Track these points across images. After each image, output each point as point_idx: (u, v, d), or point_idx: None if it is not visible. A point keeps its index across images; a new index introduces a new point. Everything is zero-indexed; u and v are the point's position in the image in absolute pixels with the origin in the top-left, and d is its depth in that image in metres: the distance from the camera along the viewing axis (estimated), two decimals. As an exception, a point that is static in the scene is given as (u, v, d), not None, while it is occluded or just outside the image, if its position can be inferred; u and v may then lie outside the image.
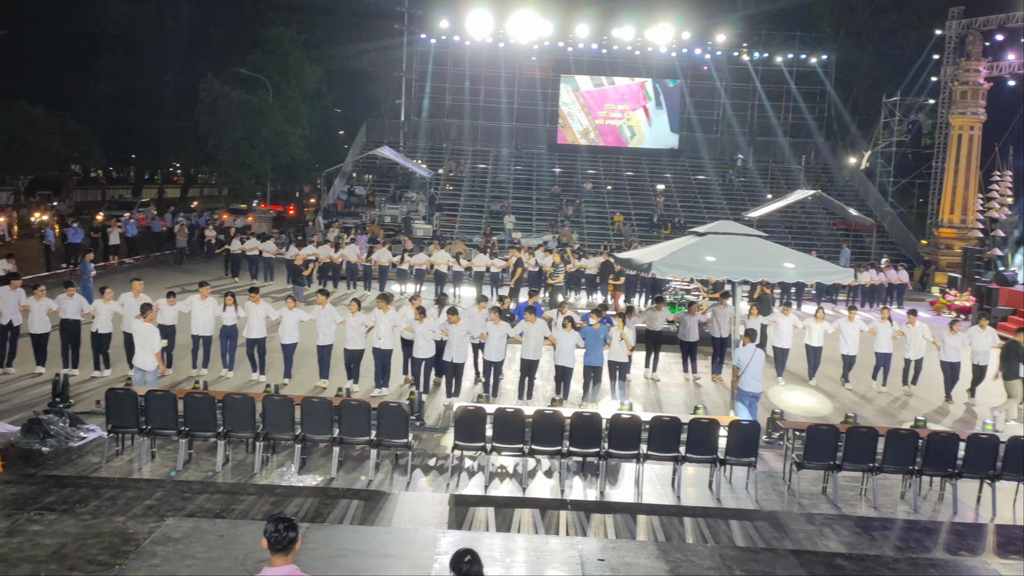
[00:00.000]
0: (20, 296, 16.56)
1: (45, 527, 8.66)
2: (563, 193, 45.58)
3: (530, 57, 51.37)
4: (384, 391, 16.02)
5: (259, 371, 16.77)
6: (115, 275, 28.27)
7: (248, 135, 45.78)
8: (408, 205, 41.40)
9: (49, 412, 12.81)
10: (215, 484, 10.89)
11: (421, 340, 15.82)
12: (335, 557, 8.44)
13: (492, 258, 28.44)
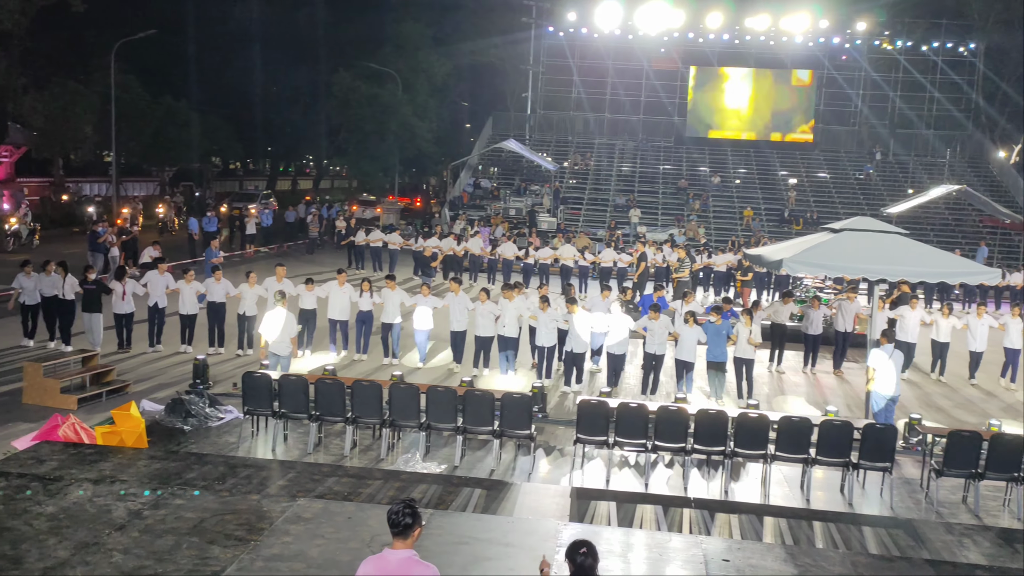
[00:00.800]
0: (168, 280, 17.63)
1: (187, 501, 9.06)
2: (690, 187, 44.87)
3: (659, 48, 50.70)
4: (511, 374, 16.49)
5: (392, 355, 17.43)
6: (253, 263, 29.39)
7: (377, 128, 46.84)
8: (533, 198, 41.56)
9: (190, 393, 13.43)
10: (343, 468, 11.18)
11: (544, 329, 16.19)
12: (457, 544, 8.53)
13: (619, 253, 28.13)
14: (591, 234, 35.42)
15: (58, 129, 39.33)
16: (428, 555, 8.09)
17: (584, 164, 47.44)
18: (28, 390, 13.89)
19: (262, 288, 17.25)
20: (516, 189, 43.32)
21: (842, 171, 47.40)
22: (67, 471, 10.02)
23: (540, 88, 52.13)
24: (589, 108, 52.31)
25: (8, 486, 9.18)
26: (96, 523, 8.38)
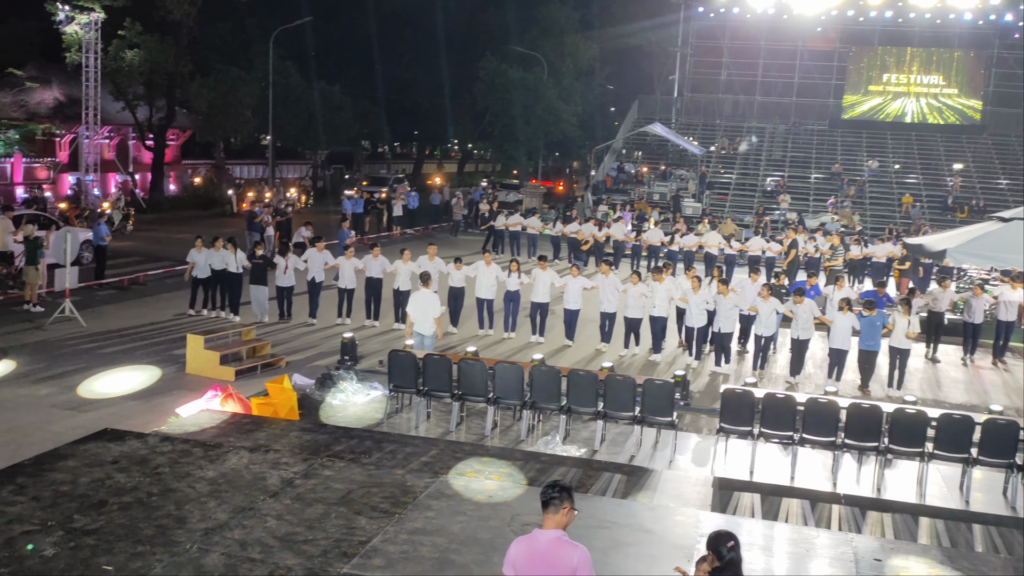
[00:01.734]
0: (327, 256, 18.74)
1: (335, 473, 9.37)
2: (844, 172, 43.11)
3: (815, 28, 48.82)
4: (656, 357, 16.83)
5: (539, 333, 17.85)
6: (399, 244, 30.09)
7: (522, 112, 47.04)
8: (678, 183, 40.89)
9: (339, 369, 13.90)
10: (484, 447, 11.31)
11: (694, 309, 16.37)
12: (597, 528, 8.49)
13: (768, 242, 27.18)
14: (738, 220, 34.55)
15: (220, 114, 41.31)
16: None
17: (732, 148, 46.31)
18: (191, 361, 14.68)
19: (415, 265, 17.98)
20: (661, 173, 42.72)
21: (1012, 156, 44.49)
22: (226, 439, 10.53)
23: (688, 70, 51.13)
24: (739, 90, 50.96)
25: (173, 450, 9.72)
26: (252, 489, 8.77)
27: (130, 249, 26.86)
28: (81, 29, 33.78)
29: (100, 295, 20.35)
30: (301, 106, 46.71)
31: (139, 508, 8.14)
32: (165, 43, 37.63)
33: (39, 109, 37.95)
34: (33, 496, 8.25)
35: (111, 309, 19.04)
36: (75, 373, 14.27)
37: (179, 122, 42.20)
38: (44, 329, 16.80)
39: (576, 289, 17.45)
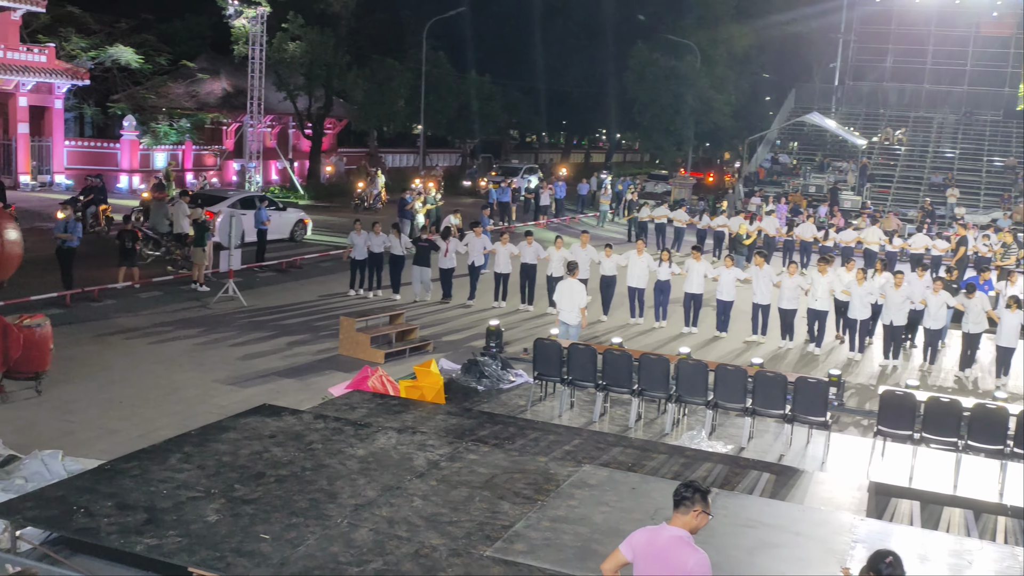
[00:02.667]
0: (485, 241, 19.76)
1: (480, 457, 9.48)
2: (1020, 165, 40.45)
3: (991, 13, 45.97)
4: (816, 350, 16.67)
5: (692, 324, 17.90)
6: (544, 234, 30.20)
7: (673, 101, 46.34)
8: (836, 175, 39.36)
9: (485, 355, 14.05)
10: (628, 439, 11.21)
11: (858, 302, 16.08)
12: (743, 527, 8.26)
13: (934, 239, 25.66)
14: (900, 214, 32.94)
15: (375, 103, 42.49)
16: (711, 534, 7.93)
17: (895, 139, 44.19)
18: (343, 343, 15.18)
19: (568, 252, 18.33)
20: (818, 165, 41.23)
21: None
22: (375, 419, 10.82)
23: (850, 58, 49.08)
24: (904, 79, 48.55)
25: (326, 428, 10.06)
26: (400, 469, 8.97)
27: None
28: (248, 23, 35.39)
29: (260, 276, 21.30)
30: (452, 95, 47.49)
31: (294, 481, 8.46)
32: (325, 35, 38.98)
33: (208, 99, 40.05)
34: (198, 465, 8.70)
35: (270, 290, 19.91)
36: (236, 350, 14.98)
37: (336, 111, 43.66)
38: (209, 308, 17.72)
39: (729, 280, 17.28)
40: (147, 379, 13.09)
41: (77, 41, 35.72)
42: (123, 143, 35.52)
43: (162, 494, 7.97)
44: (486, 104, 49.09)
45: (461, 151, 55.68)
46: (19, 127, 32.46)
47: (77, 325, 15.68)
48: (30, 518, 7.50)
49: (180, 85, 39.76)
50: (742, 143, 51.59)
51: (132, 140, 35.44)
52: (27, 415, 11.30)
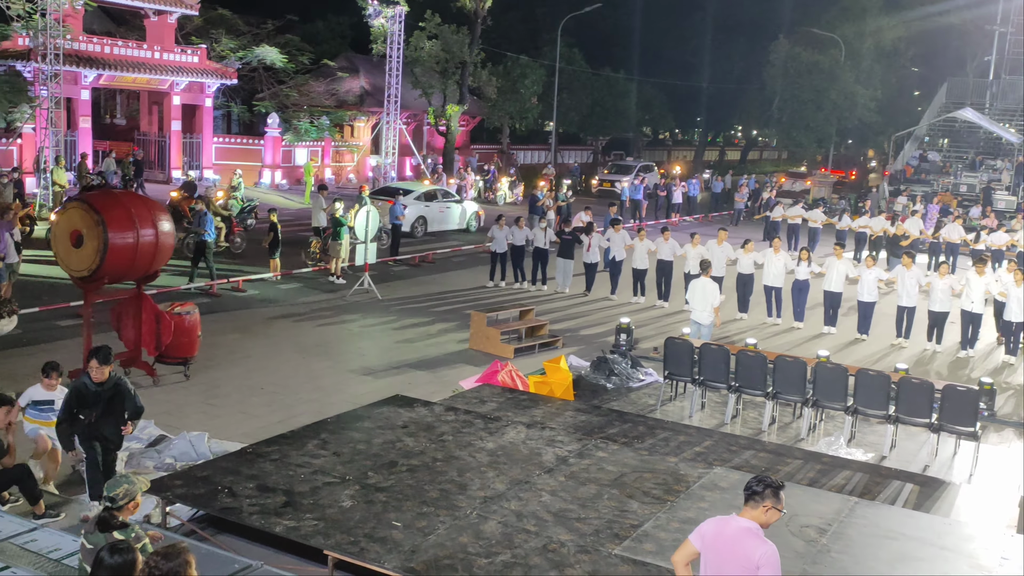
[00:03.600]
0: (625, 237, 19.80)
1: (608, 455, 9.40)
2: None
3: None
4: (970, 352, 16.11)
5: (830, 325, 17.45)
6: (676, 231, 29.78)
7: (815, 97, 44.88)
8: (990, 174, 37.30)
9: (614, 353, 13.95)
10: (761, 442, 10.93)
11: (1015, 305, 15.46)
12: (883, 538, 7.92)
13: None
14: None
15: (508, 100, 42.78)
16: (850, 544, 7.64)
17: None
18: (473, 337, 15.34)
19: (704, 249, 18.16)
20: (970, 163, 39.18)
21: None
22: (504, 413, 10.89)
23: (1006, 51, 46.35)
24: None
25: (457, 420, 10.19)
26: (528, 463, 8.99)
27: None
28: (386, 22, 36.22)
29: (394, 270, 21.77)
30: (585, 92, 47.36)
31: (425, 471, 8.60)
32: (460, 33, 39.52)
33: (347, 97, 41.23)
34: (334, 451, 8.95)
35: (403, 285, 20.32)
36: (370, 342, 15.36)
37: (469, 109, 44.21)
38: (345, 300, 18.22)
39: (871, 280, 16.63)
40: (286, 367, 13.56)
41: (227, 42, 37.34)
42: (267, 140, 36.97)
43: (300, 478, 8.24)
44: (619, 101, 48.75)
45: (592, 148, 55.47)
46: (172, 124, 34.21)
47: (222, 314, 16.39)
48: (179, 495, 7.87)
49: (321, 83, 41.03)
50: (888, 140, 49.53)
51: (275, 137, 36.84)
52: (176, 398, 11.88)
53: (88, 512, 8.05)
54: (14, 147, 28.15)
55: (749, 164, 64.45)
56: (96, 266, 11.29)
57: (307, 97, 39.64)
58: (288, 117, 37.91)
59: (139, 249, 11.59)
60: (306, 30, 42.55)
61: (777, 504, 5.23)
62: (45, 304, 15.60)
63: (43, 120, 27.02)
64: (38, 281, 17.42)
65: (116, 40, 32.65)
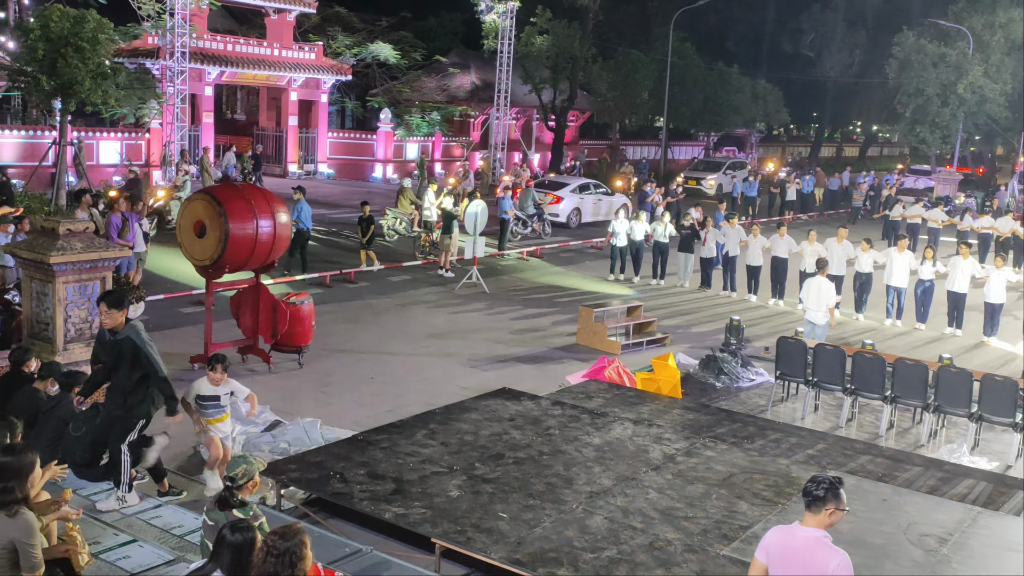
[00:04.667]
0: (740, 233, 19.54)
1: (717, 454, 9.25)
2: None
3: None
4: None
5: (956, 327, 16.91)
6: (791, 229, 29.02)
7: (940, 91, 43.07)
8: None
9: (724, 351, 13.70)
10: (878, 447, 10.58)
11: None
12: (1007, 550, 7.57)
13: None
14: None
15: (618, 96, 42.50)
16: (971, 555, 7.32)
17: None
18: (581, 332, 15.29)
19: (822, 247, 17.62)
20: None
21: None
22: (611, 409, 10.82)
23: None
24: None
25: (563, 414, 10.18)
26: (635, 460, 8.92)
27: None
28: (498, 18, 36.46)
29: (502, 264, 21.88)
30: (697, 87, 46.64)
31: (531, 464, 8.62)
32: (571, 29, 39.42)
33: (458, 93, 41.66)
34: (442, 442, 9.06)
35: (510, 280, 20.40)
36: (478, 334, 15.48)
37: (579, 104, 44.08)
38: (454, 294, 18.41)
39: (1000, 281, 15.90)
40: (395, 358, 13.79)
41: (342, 39, 38.22)
42: (379, 135, 37.69)
43: (409, 467, 8.37)
44: (732, 96, 47.77)
45: (704, 144, 54.60)
46: (289, 120, 35.21)
47: (335, 304, 16.78)
48: (293, 479, 8.10)
49: (432, 79, 41.58)
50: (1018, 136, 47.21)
51: (387, 132, 37.52)
52: (290, 385, 12.22)
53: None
54: (142, 141, 29.43)
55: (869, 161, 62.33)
56: (218, 256, 11.71)
57: (419, 93, 40.23)
58: (400, 112, 38.56)
59: (258, 240, 11.97)
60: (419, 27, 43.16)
61: (839, 504, 5.00)
62: (169, 291, 16.28)
63: (169, 116, 28.17)
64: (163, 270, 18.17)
65: (238, 38, 33.81)
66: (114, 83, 23.14)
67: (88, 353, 9.93)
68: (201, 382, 8.46)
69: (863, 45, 52.50)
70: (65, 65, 21.59)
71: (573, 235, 26.76)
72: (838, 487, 5.02)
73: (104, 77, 22.60)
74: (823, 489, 4.99)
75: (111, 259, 10.43)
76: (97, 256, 10.06)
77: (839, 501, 5.00)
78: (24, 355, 8.84)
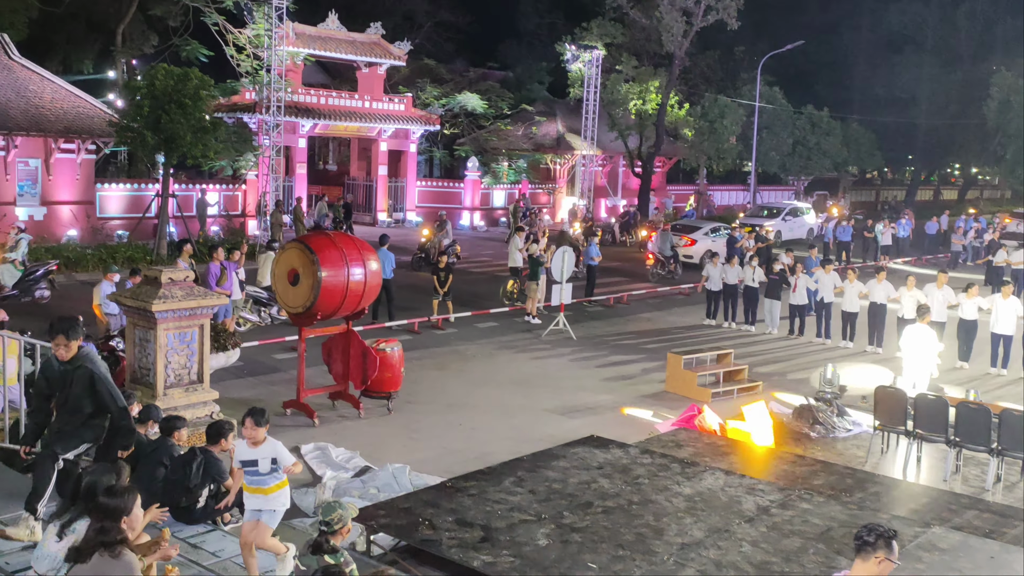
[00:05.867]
0: (835, 278, 19.09)
1: (814, 507, 8.96)
2: None
3: None
4: None
5: None
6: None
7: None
8: None
9: (819, 400, 13.33)
10: (984, 502, 10.11)
11: None
12: None
13: None
14: None
15: (705, 141, 42.33)
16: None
17: None
18: (669, 379, 15.08)
19: (921, 293, 17.11)
20: None
21: None
22: (702, 458, 10.61)
23: None
24: None
25: (653, 463, 10.02)
26: (727, 511, 8.70)
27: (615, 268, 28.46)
28: (584, 66, 36.80)
29: (589, 311, 21.81)
30: (786, 131, 46.14)
31: (620, 514, 8.48)
32: (657, 75, 39.53)
33: (544, 140, 42.06)
34: (530, 489, 9.00)
35: (597, 325, 20.30)
36: (564, 381, 15.40)
37: (665, 149, 44.01)
38: (541, 340, 18.40)
39: None
40: (482, 404, 13.80)
41: (431, 90, 39.10)
42: (466, 183, 38.22)
43: (497, 514, 8.32)
44: (823, 139, 47.08)
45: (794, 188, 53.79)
46: (379, 169, 36.02)
47: (423, 350, 16.93)
48: (382, 525, 8.14)
49: (519, 127, 42.09)
50: None
51: (475, 180, 38.03)
52: (380, 431, 12.33)
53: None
54: (239, 192, 30.43)
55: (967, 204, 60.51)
56: (310, 303, 11.96)
57: (505, 141, 40.76)
58: (487, 160, 39.08)
59: (349, 287, 12.19)
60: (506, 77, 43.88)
61: (890, 555, 4.88)
62: (263, 338, 16.67)
63: (265, 167, 29.10)
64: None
65: (331, 91, 34.87)
66: (214, 137, 24.10)
67: (187, 398, 10.26)
68: (239, 445, 7.32)
69: (959, 86, 51.29)
70: (168, 121, 22.59)
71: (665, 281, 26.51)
72: (891, 537, 4.94)
73: (205, 131, 23.58)
74: (875, 536, 4.92)
75: (209, 307, 10.75)
76: (196, 304, 10.38)
77: (890, 551, 4.91)
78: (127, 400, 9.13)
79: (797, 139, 46.38)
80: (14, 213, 24.43)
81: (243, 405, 12.54)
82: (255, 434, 7.02)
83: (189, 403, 10.34)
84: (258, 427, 7.00)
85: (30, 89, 25.48)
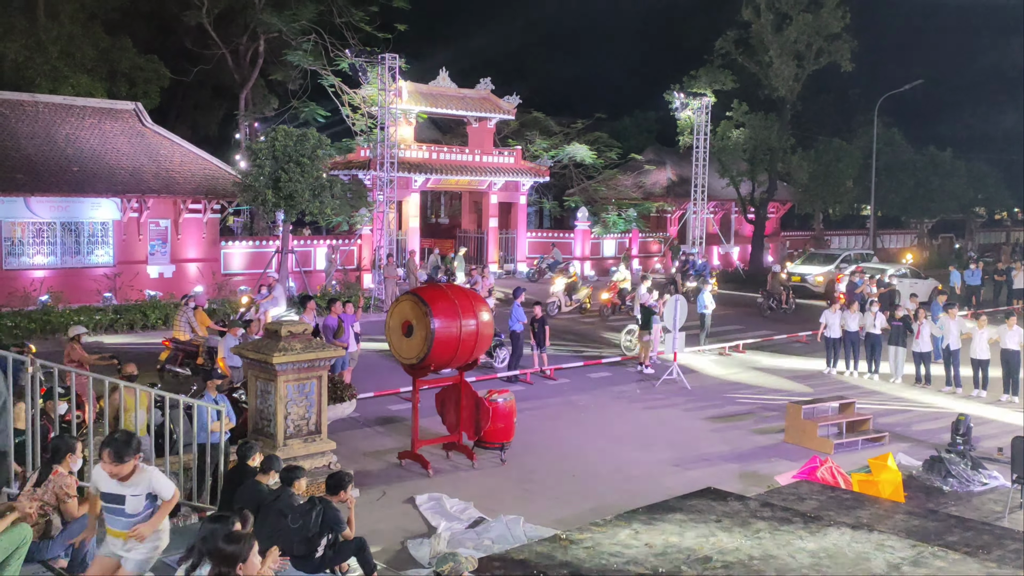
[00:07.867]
0: (962, 324, 18.61)
1: (948, 564, 8.47)
2: None
3: None
4: None
5: None
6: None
7: None
8: None
9: (951, 452, 12.70)
10: None
11: None
12: None
13: None
14: None
15: (820, 185, 41.41)
16: None
17: None
18: (789, 430, 14.62)
19: None
20: None
21: None
22: (826, 512, 10.18)
23: None
24: None
25: (773, 516, 9.67)
26: (855, 568, 8.30)
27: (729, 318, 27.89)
28: (693, 114, 36.64)
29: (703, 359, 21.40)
30: (907, 173, 44.75)
31: (740, 568, 8.19)
32: (769, 120, 39.01)
33: (654, 189, 41.89)
34: (646, 542, 8.79)
35: (712, 375, 19.89)
36: (680, 432, 15.10)
37: (779, 195, 43.23)
38: (654, 389, 18.13)
39: None
40: (596, 455, 13.64)
41: (540, 142, 39.54)
42: (576, 233, 38.30)
43: (612, 567, 8.15)
44: (946, 180, 45.44)
45: (916, 231, 51.97)
46: (490, 221, 36.47)
47: (536, 401, 16.89)
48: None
49: (628, 177, 42.06)
50: None
51: (584, 230, 38.09)
52: (493, 482, 12.31)
53: None
54: (355, 247, 31.26)
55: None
56: (424, 354, 12.11)
57: (615, 190, 40.79)
58: (596, 210, 39.14)
59: (461, 338, 12.30)
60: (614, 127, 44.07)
61: None
62: (379, 388, 16.94)
63: (379, 222, 29.85)
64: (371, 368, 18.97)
65: (442, 147, 35.65)
66: (330, 194, 24.89)
67: (305, 448, 10.48)
68: (96, 469, 6.69)
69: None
70: (287, 179, 23.46)
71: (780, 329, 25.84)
72: None
73: (322, 189, 24.38)
74: None
75: (327, 359, 10.99)
76: (314, 356, 10.63)
77: None
78: (249, 450, 9.38)
79: (919, 181, 44.90)
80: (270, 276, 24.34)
81: (360, 456, 12.82)
82: (112, 467, 6.33)
83: (308, 453, 10.54)
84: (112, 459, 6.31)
85: (161, 154, 26.89)
